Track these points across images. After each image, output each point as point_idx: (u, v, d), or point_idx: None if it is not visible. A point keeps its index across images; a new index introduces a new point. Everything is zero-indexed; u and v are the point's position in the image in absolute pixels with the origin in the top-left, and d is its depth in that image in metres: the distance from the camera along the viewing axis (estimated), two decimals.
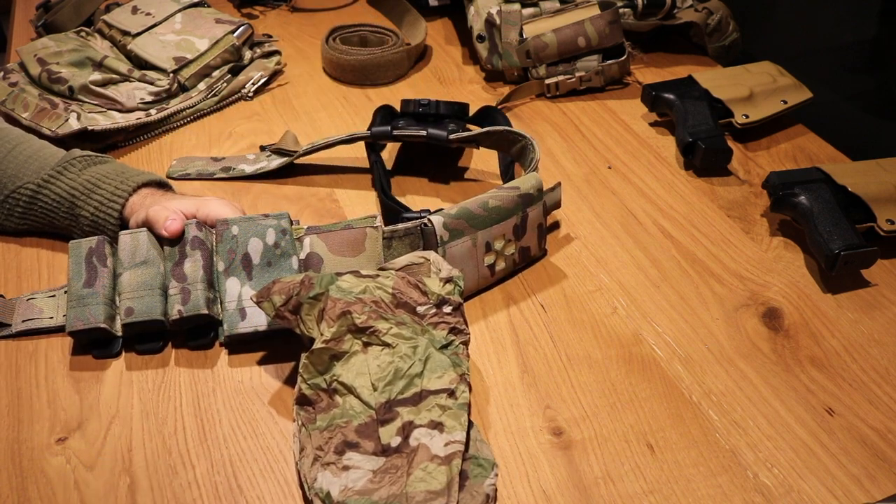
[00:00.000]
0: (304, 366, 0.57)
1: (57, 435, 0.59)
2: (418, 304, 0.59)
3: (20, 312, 0.68)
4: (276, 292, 0.59)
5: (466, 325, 0.60)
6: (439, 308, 0.60)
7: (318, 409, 0.56)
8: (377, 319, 0.58)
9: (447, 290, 0.60)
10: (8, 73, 0.95)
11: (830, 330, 0.69)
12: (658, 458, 0.58)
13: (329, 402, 0.56)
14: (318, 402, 0.56)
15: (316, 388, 0.56)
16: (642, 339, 0.68)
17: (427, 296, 0.60)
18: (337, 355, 0.57)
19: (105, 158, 0.76)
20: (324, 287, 0.58)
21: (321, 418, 0.55)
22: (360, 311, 0.58)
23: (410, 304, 0.59)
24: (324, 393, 0.56)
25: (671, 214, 0.82)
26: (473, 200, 0.68)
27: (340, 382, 0.56)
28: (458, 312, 0.60)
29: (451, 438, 0.52)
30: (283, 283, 0.59)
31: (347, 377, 0.56)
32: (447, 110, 0.85)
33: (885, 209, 0.75)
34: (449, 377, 0.56)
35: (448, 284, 0.61)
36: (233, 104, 1.00)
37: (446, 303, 0.60)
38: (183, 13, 1.04)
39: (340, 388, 0.56)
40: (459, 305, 0.60)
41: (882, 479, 0.57)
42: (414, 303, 0.59)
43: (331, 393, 0.56)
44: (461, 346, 0.59)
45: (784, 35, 1.12)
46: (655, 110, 0.95)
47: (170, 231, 0.66)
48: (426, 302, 0.60)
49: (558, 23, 0.98)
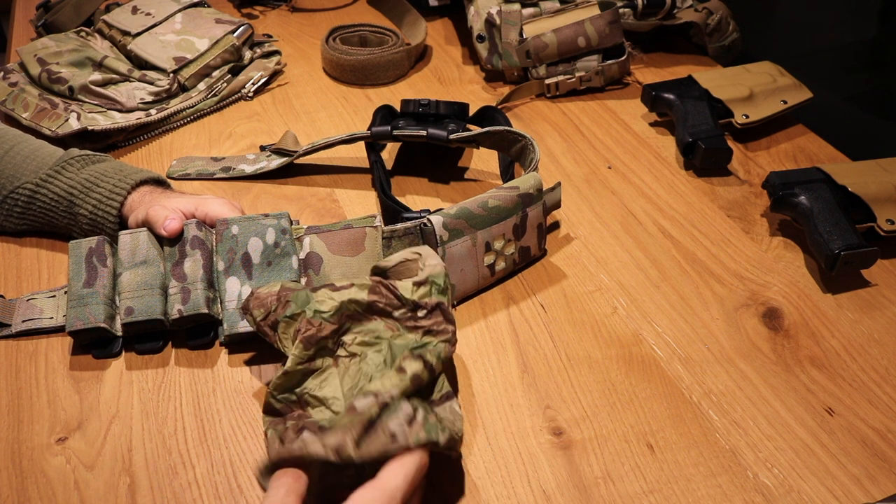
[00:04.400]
0: (276, 385, 0.56)
1: (57, 435, 0.59)
2: (394, 310, 0.59)
3: (20, 313, 0.68)
4: (254, 306, 0.59)
5: (449, 323, 0.58)
6: (414, 312, 0.59)
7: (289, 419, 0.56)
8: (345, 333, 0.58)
9: (420, 294, 0.59)
10: (8, 73, 0.95)
11: (830, 330, 0.69)
12: (658, 458, 0.58)
13: (300, 414, 0.56)
14: (289, 414, 0.56)
15: (286, 402, 0.56)
16: (642, 339, 0.68)
17: (401, 301, 0.59)
18: (310, 372, 0.57)
19: (103, 157, 0.76)
20: (300, 307, 0.57)
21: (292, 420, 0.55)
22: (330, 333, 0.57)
23: (387, 311, 0.58)
24: (295, 405, 0.56)
25: (671, 214, 0.82)
26: (473, 200, 0.68)
27: (312, 395, 0.56)
28: (434, 314, 0.58)
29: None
30: (260, 298, 0.59)
31: (319, 391, 0.56)
32: (447, 110, 0.85)
33: (885, 209, 0.75)
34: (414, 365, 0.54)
35: (422, 288, 0.59)
36: (233, 104, 1.00)
37: (419, 307, 0.59)
38: (183, 13, 1.04)
39: (312, 401, 0.56)
40: (436, 306, 0.59)
41: (882, 479, 0.57)
42: (390, 308, 0.58)
43: (302, 405, 0.56)
44: (440, 344, 0.57)
45: (784, 35, 1.12)
46: (655, 110, 0.95)
47: (168, 230, 0.66)
48: (401, 306, 0.59)
49: (558, 23, 0.99)
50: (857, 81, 1.04)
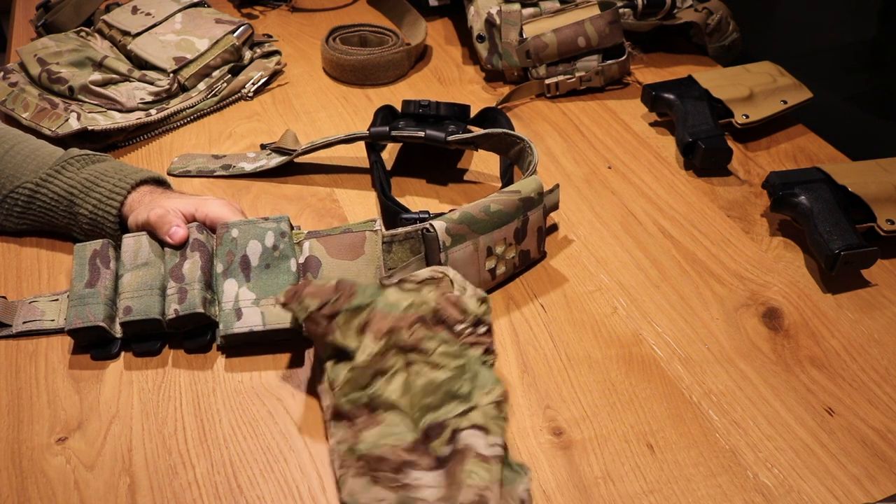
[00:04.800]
0: (348, 380, 0.55)
1: (57, 435, 0.59)
2: (456, 323, 0.58)
3: (22, 314, 0.68)
4: (309, 294, 0.57)
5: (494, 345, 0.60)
6: (475, 327, 0.59)
7: (358, 426, 0.54)
8: (424, 339, 0.57)
9: (483, 311, 0.59)
10: (8, 73, 0.95)
11: (830, 330, 0.69)
12: (658, 458, 0.58)
13: (368, 418, 0.54)
14: (357, 418, 0.55)
15: (356, 403, 0.55)
16: (642, 339, 0.68)
17: (465, 314, 0.58)
18: (381, 371, 0.55)
19: (103, 157, 0.76)
20: (368, 298, 0.57)
21: (365, 439, 0.53)
22: (406, 327, 0.56)
23: (449, 322, 0.58)
24: (364, 408, 0.55)
25: (671, 214, 0.82)
26: (475, 205, 0.68)
27: (383, 399, 0.54)
28: (490, 333, 0.59)
29: (495, 441, 0.52)
30: (316, 287, 0.57)
31: (392, 394, 0.54)
32: (448, 111, 0.85)
33: (885, 209, 0.75)
34: (496, 392, 0.55)
35: (483, 304, 0.60)
36: (233, 104, 1.00)
37: (481, 323, 0.59)
38: (183, 13, 1.04)
39: (382, 405, 0.54)
40: (491, 326, 0.59)
41: (882, 479, 0.57)
42: (453, 321, 0.58)
43: (372, 409, 0.55)
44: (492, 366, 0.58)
45: (784, 35, 1.12)
46: (655, 110, 0.95)
47: (175, 240, 0.66)
48: (463, 320, 0.58)
49: (558, 23, 0.98)
50: (857, 81, 1.04)
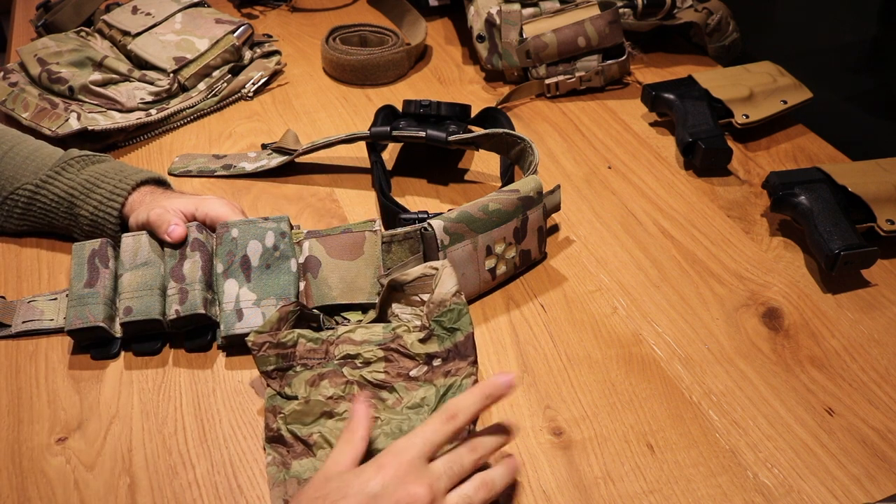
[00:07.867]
0: (295, 411, 0.56)
1: (57, 435, 0.59)
2: (410, 370, 0.59)
3: (21, 314, 0.68)
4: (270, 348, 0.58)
5: (470, 354, 0.58)
6: (429, 364, 0.59)
7: (292, 454, 0.56)
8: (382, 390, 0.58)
9: (428, 349, 0.59)
10: (8, 73, 0.95)
11: (830, 330, 0.69)
12: (658, 458, 0.58)
13: (303, 450, 0.56)
14: (293, 448, 0.56)
15: (295, 435, 0.56)
16: (642, 339, 0.68)
17: (415, 359, 0.59)
18: (329, 413, 0.57)
19: (103, 157, 0.76)
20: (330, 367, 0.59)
21: (297, 465, 0.55)
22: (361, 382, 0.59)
23: (403, 373, 0.59)
24: (301, 442, 0.56)
25: (671, 214, 0.82)
26: (473, 204, 0.68)
27: (324, 438, 0.56)
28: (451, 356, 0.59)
29: None
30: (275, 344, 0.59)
31: (333, 435, 0.56)
32: (449, 111, 0.85)
33: (885, 209, 0.75)
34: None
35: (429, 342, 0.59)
36: (233, 104, 1.00)
37: (434, 357, 0.59)
38: (183, 13, 1.04)
39: (321, 442, 0.56)
40: (450, 350, 0.59)
41: (882, 479, 0.57)
42: (406, 370, 0.59)
43: (310, 444, 0.56)
44: (466, 379, 0.58)
45: (784, 35, 1.12)
46: (655, 110, 0.95)
47: (173, 237, 0.66)
48: (416, 364, 0.59)
49: (558, 23, 0.98)
50: (857, 81, 1.04)
